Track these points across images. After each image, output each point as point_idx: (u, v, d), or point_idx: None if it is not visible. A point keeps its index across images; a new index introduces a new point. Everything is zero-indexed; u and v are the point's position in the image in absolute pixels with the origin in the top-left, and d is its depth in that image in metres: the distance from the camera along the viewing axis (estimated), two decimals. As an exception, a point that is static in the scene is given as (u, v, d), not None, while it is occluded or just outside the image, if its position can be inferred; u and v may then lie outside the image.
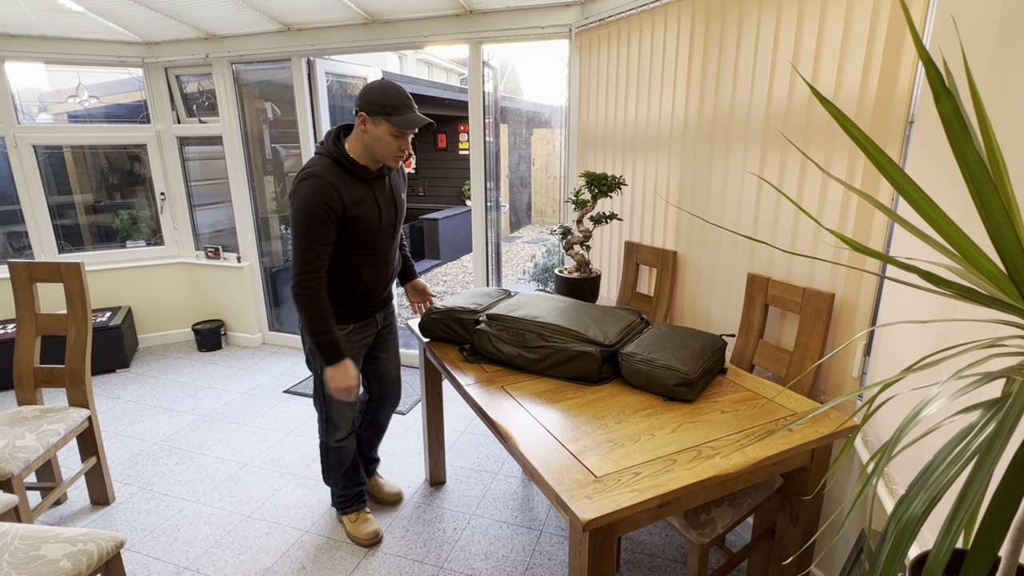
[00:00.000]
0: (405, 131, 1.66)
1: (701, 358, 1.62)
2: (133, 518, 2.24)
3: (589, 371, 1.66)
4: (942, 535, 0.53)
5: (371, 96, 1.63)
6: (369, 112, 1.63)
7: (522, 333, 1.75)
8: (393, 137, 1.66)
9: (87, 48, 3.61)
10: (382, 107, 1.62)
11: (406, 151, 1.72)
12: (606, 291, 2.82)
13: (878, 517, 1.38)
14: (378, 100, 1.62)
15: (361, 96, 1.64)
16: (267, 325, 4.19)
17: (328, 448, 2.04)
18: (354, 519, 2.13)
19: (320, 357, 1.76)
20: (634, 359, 1.62)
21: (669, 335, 1.73)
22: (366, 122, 1.65)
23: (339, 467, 2.08)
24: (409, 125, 1.64)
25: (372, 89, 1.64)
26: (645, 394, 1.60)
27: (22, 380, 2.18)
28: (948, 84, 0.56)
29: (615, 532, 1.17)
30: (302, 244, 1.64)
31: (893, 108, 1.45)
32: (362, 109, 1.64)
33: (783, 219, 1.81)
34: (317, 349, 1.73)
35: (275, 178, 4.08)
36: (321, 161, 1.68)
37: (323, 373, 1.80)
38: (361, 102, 1.64)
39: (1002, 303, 0.63)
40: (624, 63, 2.48)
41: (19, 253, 3.84)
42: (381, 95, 1.62)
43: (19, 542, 1.38)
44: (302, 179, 1.65)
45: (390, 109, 1.62)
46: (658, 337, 1.72)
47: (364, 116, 1.64)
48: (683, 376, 1.53)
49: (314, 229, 1.63)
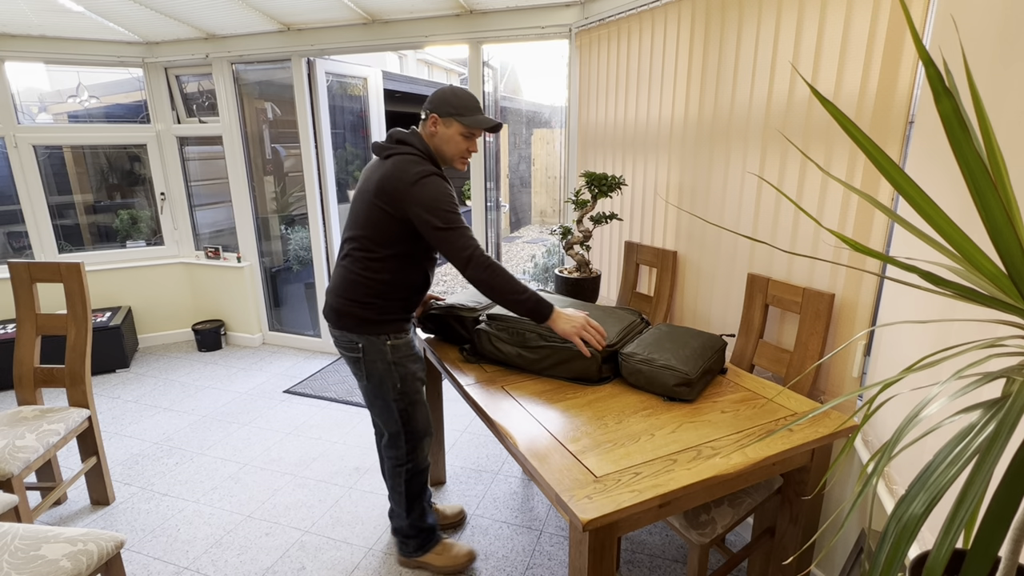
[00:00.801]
0: (475, 132, 1.71)
1: (701, 358, 1.62)
2: (133, 518, 2.24)
3: (589, 371, 1.66)
4: (942, 535, 0.53)
5: (443, 98, 1.68)
6: (441, 113, 1.68)
7: (522, 333, 1.75)
8: (463, 138, 1.71)
9: (87, 48, 3.61)
10: (455, 108, 1.67)
11: (473, 151, 1.75)
12: (606, 291, 2.82)
13: (878, 517, 1.38)
14: (451, 102, 1.68)
15: (432, 100, 1.70)
16: (267, 325, 4.19)
17: (414, 474, 1.85)
18: (440, 551, 1.95)
19: (537, 316, 1.65)
20: (634, 359, 1.62)
21: (669, 335, 1.73)
22: (437, 123, 1.69)
23: (423, 492, 1.91)
24: (481, 125, 1.69)
25: (444, 92, 1.70)
26: (645, 394, 1.60)
27: (22, 380, 2.18)
28: (948, 84, 0.56)
29: (615, 532, 1.17)
30: (459, 227, 1.61)
31: (893, 108, 1.45)
32: (434, 111, 1.68)
33: (783, 219, 1.81)
34: (533, 311, 1.64)
35: (275, 178, 4.08)
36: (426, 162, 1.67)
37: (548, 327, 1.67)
38: (432, 104, 1.69)
39: (1002, 303, 0.62)
40: (624, 63, 2.48)
41: (19, 253, 3.84)
42: (454, 97, 1.68)
43: (19, 542, 1.38)
44: (422, 176, 1.60)
45: (463, 110, 1.68)
46: (658, 337, 1.72)
47: (436, 117, 1.68)
48: (683, 376, 1.53)
49: (457, 214, 1.63)
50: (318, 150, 3.67)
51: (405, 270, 1.71)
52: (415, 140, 1.69)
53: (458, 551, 1.96)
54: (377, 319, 1.72)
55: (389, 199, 1.61)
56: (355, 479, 2.48)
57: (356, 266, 1.69)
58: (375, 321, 1.71)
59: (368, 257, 1.68)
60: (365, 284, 1.69)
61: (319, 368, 3.74)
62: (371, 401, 1.81)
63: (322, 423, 2.99)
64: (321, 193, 3.75)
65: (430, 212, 1.59)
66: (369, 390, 1.79)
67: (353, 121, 4.22)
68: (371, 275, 1.68)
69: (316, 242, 3.82)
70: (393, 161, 1.65)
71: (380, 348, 1.73)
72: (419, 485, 1.89)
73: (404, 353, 1.76)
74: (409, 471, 1.85)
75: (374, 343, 1.72)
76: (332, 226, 3.85)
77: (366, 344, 1.73)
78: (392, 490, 1.91)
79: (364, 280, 1.69)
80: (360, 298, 1.70)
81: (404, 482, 1.86)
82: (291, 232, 4.17)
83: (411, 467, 1.85)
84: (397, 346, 1.74)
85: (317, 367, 3.76)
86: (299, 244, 4.15)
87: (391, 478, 1.89)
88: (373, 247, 1.67)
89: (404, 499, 1.88)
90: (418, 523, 1.92)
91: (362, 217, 1.67)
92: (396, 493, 1.89)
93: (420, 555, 1.95)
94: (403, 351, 1.75)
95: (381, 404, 1.79)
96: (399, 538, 1.96)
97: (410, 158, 1.65)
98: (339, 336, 1.77)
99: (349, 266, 1.72)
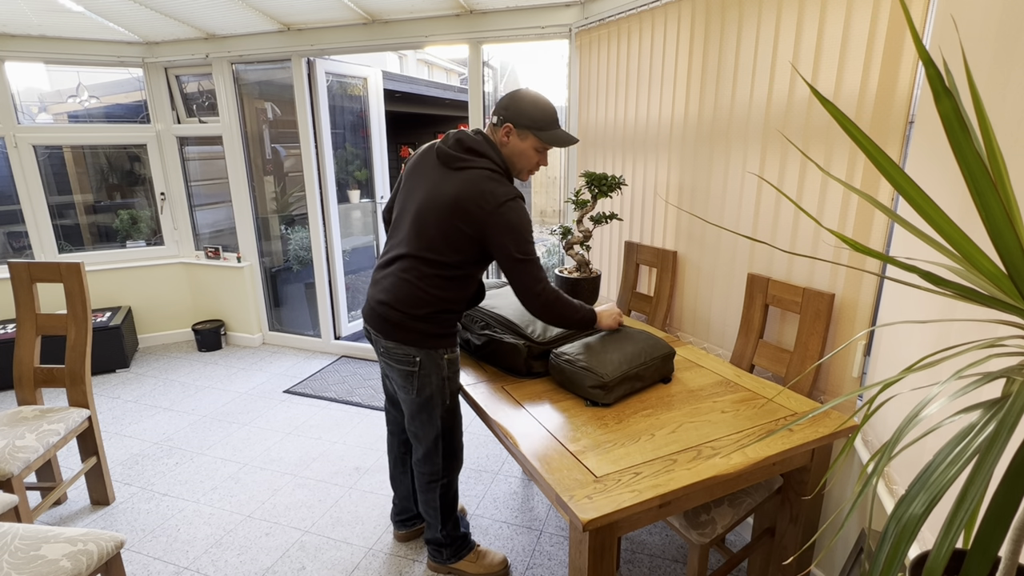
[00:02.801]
0: (548, 146, 1.63)
1: (628, 363, 1.58)
2: (133, 518, 2.24)
3: (516, 364, 1.71)
4: (942, 535, 0.53)
5: (522, 109, 1.58)
6: (517, 124, 1.58)
7: (476, 320, 1.85)
8: (536, 152, 1.63)
9: (87, 48, 3.61)
10: (534, 121, 1.58)
11: (544, 165, 1.69)
12: (606, 291, 2.82)
13: (878, 517, 1.38)
14: (531, 114, 1.58)
15: (509, 107, 1.59)
16: (267, 325, 4.19)
17: (448, 489, 1.82)
18: (474, 558, 1.93)
19: (588, 326, 1.70)
20: (560, 358, 1.63)
21: (616, 339, 1.70)
22: (511, 134, 1.60)
23: (455, 503, 1.88)
24: (561, 143, 1.61)
25: (523, 102, 1.59)
26: (645, 394, 1.60)
27: (22, 380, 2.18)
28: (948, 84, 0.56)
29: (615, 532, 1.17)
30: (535, 262, 1.57)
31: (893, 108, 1.45)
32: (509, 120, 1.59)
33: (783, 219, 1.81)
34: (585, 324, 1.68)
35: (275, 178, 4.08)
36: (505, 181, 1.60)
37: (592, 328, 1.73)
38: (508, 113, 1.59)
39: (1002, 303, 0.62)
40: (624, 63, 2.48)
41: (19, 253, 3.84)
42: (534, 109, 1.58)
43: (19, 542, 1.38)
44: (508, 199, 1.53)
45: (542, 124, 1.59)
46: (603, 340, 1.69)
47: (510, 127, 1.59)
48: (599, 379, 1.52)
49: (533, 244, 1.59)
50: (318, 150, 3.67)
51: (463, 288, 1.66)
52: (491, 152, 1.59)
53: (492, 558, 1.94)
54: (438, 333, 1.65)
55: (470, 220, 1.53)
56: (355, 479, 2.48)
57: (423, 282, 1.60)
58: (436, 335, 1.65)
59: (438, 275, 1.59)
60: (431, 300, 1.61)
61: (319, 368, 3.74)
62: (414, 414, 1.73)
63: (322, 423, 2.99)
64: (321, 193, 3.75)
65: (512, 241, 1.52)
66: (416, 404, 1.71)
67: (353, 121, 4.22)
68: (438, 292, 1.61)
69: (316, 242, 3.82)
70: (471, 177, 1.55)
71: (438, 363, 1.66)
72: (453, 498, 1.86)
73: (455, 369, 1.72)
74: (444, 486, 1.81)
75: (432, 357, 1.66)
76: (332, 226, 3.85)
77: (424, 358, 1.65)
78: (426, 504, 1.86)
79: (431, 296, 1.61)
80: (425, 314, 1.62)
81: (439, 496, 1.82)
82: (291, 232, 4.17)
83: (446, 483, 1.81)
84: (452, 360, 1.69)
85: (317, 367, 3.76)
86: (299, 244, 4.15)
87: (424, 492, 1.84)
88: (445, 264, 1.59)
89: (439, 513, 1.84)
90: (452, 533, 1.89)
91: (432, 231, 1.57)
92: (430, 508, 1.85)
93: (454, 562, 1.92)
94: (455, 366, 1.72)
95: (425, 418, 1.72)
96: (432, 548, 1.93)
97: (490, 175, 1.56)
98: (392, 348, 1.66)
99: (413, 280, 1.61)
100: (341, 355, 3.96)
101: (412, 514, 2.09)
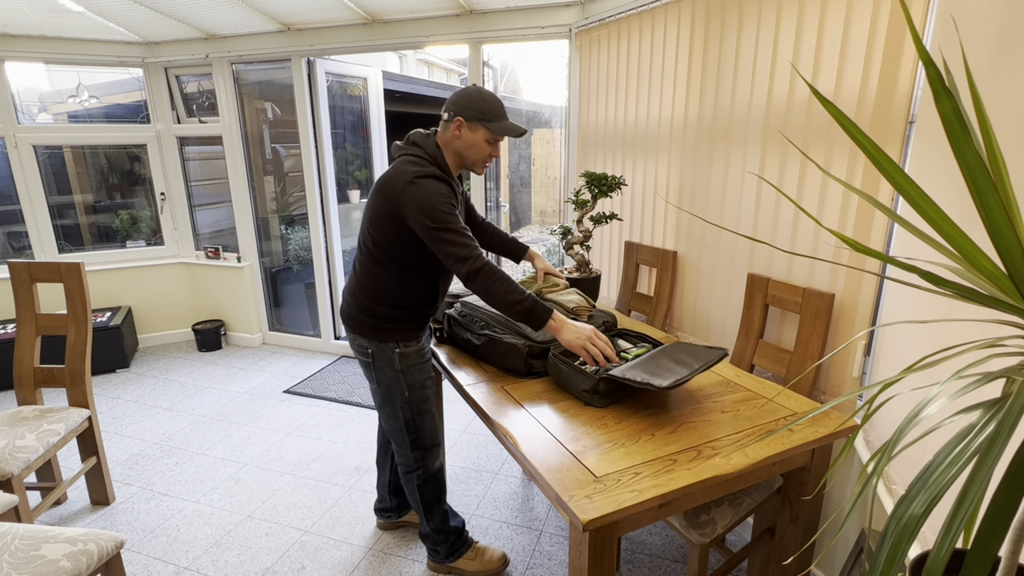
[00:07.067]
0: (499, 137, 1.68)
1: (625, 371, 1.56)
2: (133, 518, 2.24)
3: (516, 363, 1.70)
4: (942, 535, 0.53)
5: (471, 102, 1.63)
6: (467, 117, 1.63)
7: (476, 320, 1.83)
8: (487, 143, 1.67)
9: (87, 48, 3.61)
10: (482, 113, 1.63)
11: (496, 156, 1.72)
12: (606, 291, 2.82)
13: (878, 517, 1.38)
14: (479, 107, 1.63)
15: (457, 102, 1.64)
16: (267, 325, 4.19)
17: (426, 480, 1.83)
18: (473, 556, 1.92)
19: (533, 322, 1.56)
20: (558, 356, 1.63)
21: (661, 354, 1.58)
22: (462, 127, 1.64)
23: (441, 497, 1.88)
24: (509, 132, 1.65)
25: (471, 96, 1.64)
26: (646, 394, 1.60)
27: (22, 380, 2.18)
28: (948, 84, 0.56)
29: (615, 532, 1.17)
30: (452, 228, 1.55)
31: (893, 108, 1.45)
32: (459, 114, 1.63)
33: (783, 219, 1.81)
34: (528, 316, 1.55)
35: (275, 178, 4.08)
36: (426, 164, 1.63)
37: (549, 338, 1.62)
38: (458, 107, 1.64)
39: (1002, 303, 0.62)
40: (624, 63, 2.48)
41: (19, 253, 3.84)
42: (482, 102, 1.64)
43: (19, 542, 1.38)
44: (418, 176, 1.56)
45: (490, 116, 1.64)
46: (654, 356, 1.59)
47: (461, 121, 1.64)
48: (593, 383, 1.52)
49: (453, 215, 1.57)
50: (318, 150, 3.67)
51: (411, 282, 1.69)
52: (425, 143, 1.67)
53: (491, 555, 1.94)
54: (385, 327, 1.70)
55: (386, 198, 1.60)
56: (355, 479, 2.48)
57: (364, 272, 1.69)
58: (384, 329, 1.71)
59: (373, 261, 1.67)
60: (371, 290, 1.68)
61: (319, 368, 3.74)
62: (380, 406, 1.82)
63: (322, 423, 2.99)
64: (321, 193, 3.75)
65: (422, 211, 1.54)
66: (379, 395, 1.79)
67: (353, 121, 4.22)
68: (374, 281, 1.67)
69: (316, 242, 3.82)
70: (396, 163, 1.64)
71: (389, 356, 1.72)
72: (434, 490, 1.86)
73: (413, 362, 1.74)
74: (420, 477, 1.83)
75: (383, 350, 1.72)
76: (332, 226, 3.85)
77: (375, 350, 1.72)
78: (408, 496, 1.90)
79: (372, 287, 1.68)
80: (368, 304, 1.70)
81: (416, 488, 1.84)
82: (291, 232, 4.17)
83: (421, 473, 1.83)
84: (406, 354, 1.73)
85: (317, 367, 3.76)
86: (299, 244, 4.15)
87: (405, 484, 1.87)
88: (376, 249, 1.65)
89: (420, 505, 1.87)
90: (441, 527, 1.89)
91: (367, 218, 1.67)
92: (413, 500, 1.88)
93: (452, 561, 1.92)
94: (412, 359, 1.74)
95: (389, 410, 1.79)
96: (428, 545, 1.94)
97: (412, 159, 1.64)
98: (352, 339, 1.78)
99: (358, 269, 1.72)
100: (341, 355, 3.96)
101: (387, 505, 2.14)
